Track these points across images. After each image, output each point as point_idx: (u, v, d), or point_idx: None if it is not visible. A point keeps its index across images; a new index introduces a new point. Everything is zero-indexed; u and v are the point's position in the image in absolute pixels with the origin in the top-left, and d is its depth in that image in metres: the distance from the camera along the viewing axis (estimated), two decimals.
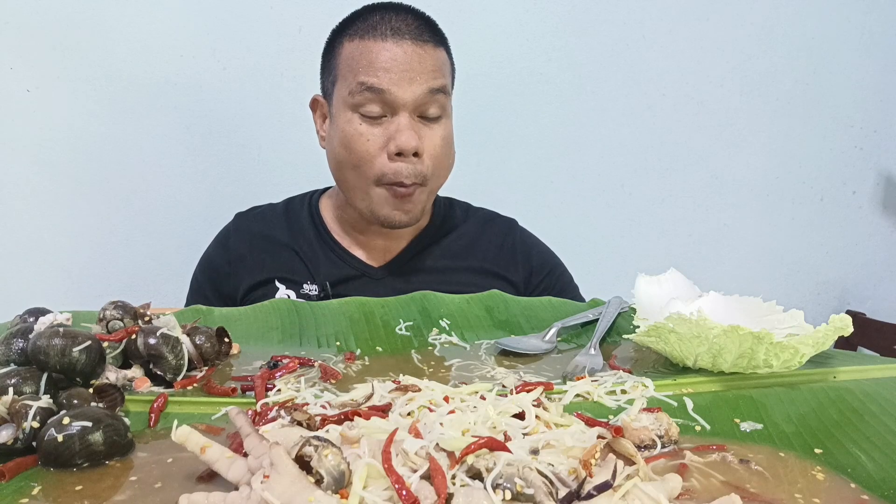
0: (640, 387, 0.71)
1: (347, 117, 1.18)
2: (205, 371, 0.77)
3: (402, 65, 1.15)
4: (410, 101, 1.15)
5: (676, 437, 0.60)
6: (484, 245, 1.35)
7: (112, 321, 0.78)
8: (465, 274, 1.31)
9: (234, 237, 1.34)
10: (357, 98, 1.16)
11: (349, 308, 0.96)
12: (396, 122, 1.16)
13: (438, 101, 1.18)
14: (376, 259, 1.31)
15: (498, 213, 1.44)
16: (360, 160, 1.18)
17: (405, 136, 1.15)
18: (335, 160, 1.23)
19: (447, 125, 1.23)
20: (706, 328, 0.72)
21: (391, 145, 1.16)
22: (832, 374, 0.75)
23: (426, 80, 1.16)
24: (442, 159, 1.22)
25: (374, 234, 1.30)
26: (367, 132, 1.17)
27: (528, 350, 0.86)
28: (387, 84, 1.14)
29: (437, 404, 0.60)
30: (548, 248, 1.43)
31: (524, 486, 0.46)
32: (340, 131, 1.20)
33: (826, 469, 0.57)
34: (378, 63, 1.15)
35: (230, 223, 1.39)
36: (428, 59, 1.17)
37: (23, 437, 0.56)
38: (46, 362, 0.64)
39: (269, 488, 0.45)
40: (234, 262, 1.31)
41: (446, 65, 1.23)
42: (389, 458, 0.48)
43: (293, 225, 1.34)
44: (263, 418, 0.60)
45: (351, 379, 0.76)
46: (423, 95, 1.16)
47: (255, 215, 1.38)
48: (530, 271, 1.35)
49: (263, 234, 1.33)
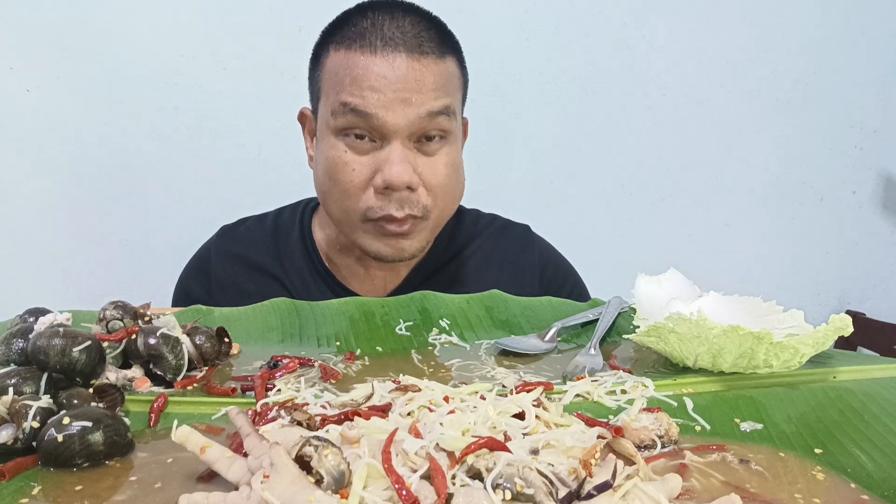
0: (640, 387, 0.71)
1: (331, 143, 1.02)
2: (205, 371, 0.77)
3: (393, 84, 0.97)
4: (404, 126, 0.98)
5: (676, 437, 0.60)
6: (496, 265, 1.22)
7: (112, 321, 0.78)
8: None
9: (215, 261, 1.21)
10: (340, 121, 1.00)
11: (349, 308, 0.96)
12: (387, 152, 0.99)
13: (440, 124, 1.01)
14: (374, 292, 1.18)
15: (511, 220, 1.30)
16: (344, 193, 1.02)
17: (395, 170, 0.98)
18: (319, 189, 1.09)
19: (452, 150, 1.05)
20: (706, 328, 0.72)
21: (378, 178, 0.99)
22: (832, 374, 0.75)
23: (423, 102, 0.98)
24: (446, 191, 1.05)
25: (372, 262, 1.15)
26: (352, 161, 1.01)
27: (528, 350, 0.85)
28: (374, 107, 0.97)
29: (437, 404, 0.60)
30: (564, 261, 1.31)
31: (524, 486, 0.46)
32: (324, 158, 1.04)
33: (826, 469, 0.57)
34: (364, 81, 0.97)
35: (212, 239, 1.26)
36: (428, 75, 0.99)
37: (23, 437, 0.56)
38: (46, 362, 0.64)
39: (269, 488, 0.45)
40: (215, 293, 1.18)
41: (454, 79, 1.04)
42: (389, 458, 0.48)
43: (282, 248, 1.20)
44: (263, 418, 0.60)
45: (351, 379, 0.76)
46: (419, 120, 0.98)
47: (240, 234, 1.23)
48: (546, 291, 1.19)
49: (247, 260, 1.19)
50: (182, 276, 1.27)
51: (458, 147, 1.09)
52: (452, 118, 1.04)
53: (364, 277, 1.19)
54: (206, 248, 1.26)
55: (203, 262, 1.24)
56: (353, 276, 1.19)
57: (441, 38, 1.03)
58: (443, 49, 1.03)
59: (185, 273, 1.26)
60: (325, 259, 1.20)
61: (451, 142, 1.05)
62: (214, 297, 1.17)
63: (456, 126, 1.06)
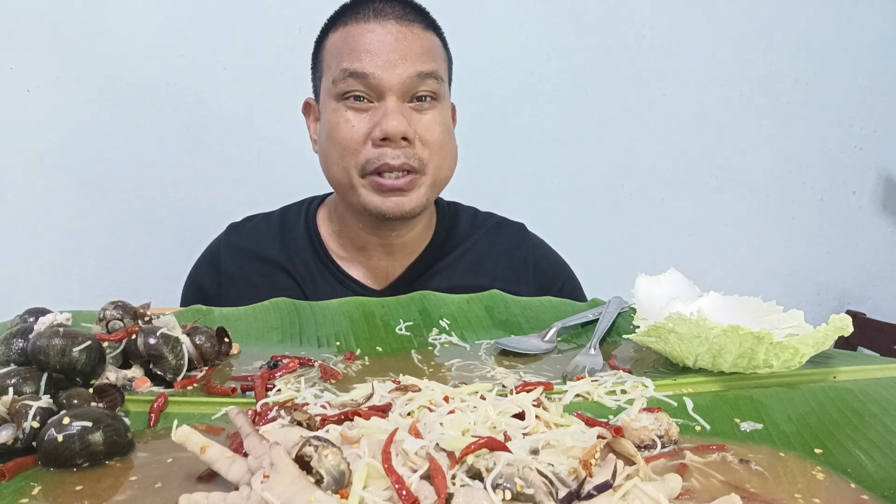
0: (640, 387, 0.71)
1: (332, 107, 1.12)
2: (205, 371, 0.77)
3: (386, 45, 1.08)
4: (397, 84, 1.08)
5: (676, 437, 0.60)
6: (493, 259, 1.28)
7: (112, 321, 0.78)
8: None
9: (225, 255, 1.26)
10: (341, 86, 1.10)
11: (349, 308, 0.96)
12: (383, 107, 1.09)
13: (429, 85, 1.11)
14: (377, 281, 1.23)
15: (507, 218, 1.36)
16: (344, 149, 1.10)
17: (391, 120, 1.07)
18: (323, 156, 1.16)
19: (443, 111, 1.15)
20: (706, 328, 0.72)
21: (376, 130, 1.08)
22: (832, 374, 0.75)
23: (413, 63, 1.09)
24: (441, 146, 1.13)
25: (376, 252, 1.22)
26: (352, 118, 1.10)
27: (528, 350, 0.86)
28: (371, 67, 1.08)
29: (437, 404, 0.60)
30: (558, 258, 1.36)
31: (524, 486, 0.46)
32: (326, 123, 1.13)
33: (826, 469, 0.57)
34: (361, 47, 1.09)
35: (221, 236, 1.31)
36: (415, 40, 1.10)
37: (23, 437, 0.56)
38: (46, 362, 0.64)
39: (269, 488, 0.45)
40: (225, 285, 1.23)
41: (437, 49, 1.15)
42: (389, 458, 0.48)
43: (288, 241, 1.26)
44: (263, 418, 0.60)
45: (351, 379, 0.76)
46: (410, 79, 1.09)
47: (248, 230, 1.30)
48: (540, 286, 1.28)
49: (255, 253, 1.25)
50: (193, 271, 1.32)
51: (448, 113, 1.18)
52: (441, 83, 1.14)
53: (367, 266, 1.24)
54: (215, 244, 1.31)
55: (213, 257, 1.28)
56: (355, 265, 1.24)
57: (425, 17, 1.16)
58: (426, 24, 1.14)
59: (196, 268, 1.31)
60: (330, 250, 1.25)
61: (442, 106, 1.15)
62: (225, 290, 1.23)
63: (444, 92, 1.16)
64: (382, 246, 1.22)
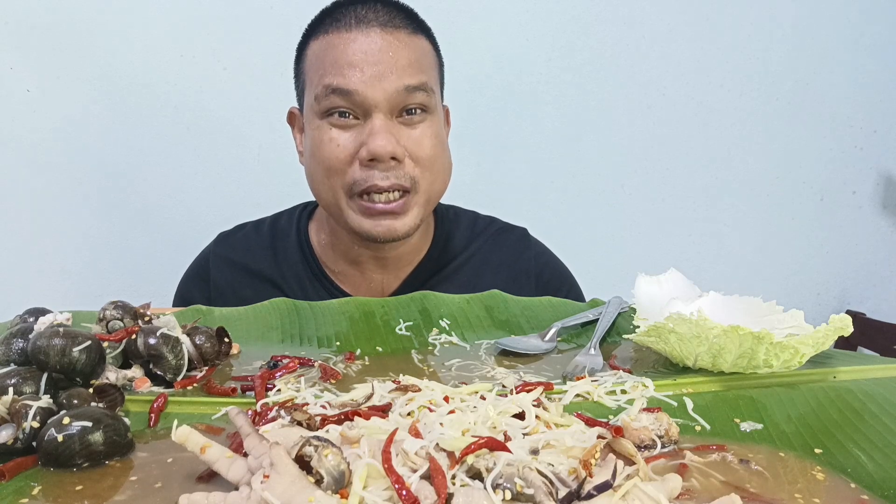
0: (640, 387, 0.71)
1: (316, 125, 1.05)
2: (205, 371, 0.77)
3: (371, 57, 1.00)
4: (384, 99, 1.01)
5: (676, 437, 0.60)
6: (493, 268, 1.22)
7: (112, 321, 0.78)
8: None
9: (214, 267, 1.22)
10: (324, 103, 1.03)
11: (349, 308, 0.96)
12: (370, 125, 1.02)
13: (419, 98, 1.04)
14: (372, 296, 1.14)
15: (508, 223, 1.31)
16: (329, 169, 1.04)
17: (379, 140, 1.00)
18: (308, 173, 1.10)
19: (434, 124, 1.07)
20: (706, 328, 0.72)
21: (363, 150, 1.01)
22: (832, 374, 0.75)
23: (401, 76, 1.02)
24: (433, 161, 1.07)
25: (369, 266, 1.17)
26: (337, 137, 1.03)
27: (528, 350, 0.85)
28: (355, 83, 1.00)
29: (437, 404, 0.60)
30: (560, 266, 1.31)
31: (524, 486, 0.46)
32: (311, 141, 1.07)
33: (826, 469, 0.57)
34: (343, 59, 1.01)
35: (210, 247, 1.26)
36: (402, 48, 1.02)
37: (23, 437, 0.56)
38: (46, 362, 0.64)
39: (269, 488, 0.45)
40: (214, 299, 1.18)
41: (428, 55, 1.08)
42: (389, 458, 0.48)
43: (279, 253, 1.21)
44: (263, 418, 0.60)
45: (351, 379, 0.76)
46: (398, 93, 1.02)
47: (238, 240, 1.24)
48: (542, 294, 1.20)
49: (245, 266, 1.20)
50: (181, 282, 1.27)
51: (440, 124, 1.10)
52: (431, 95, 1.06)
53: (360, 280, 1.19)
54: (204, 255, 1.26)
55: (202, 269, 1.24)
56: (349, 279, 1.19)
57: (412, 19, 1.08)
58: (413, 27, 1.06)
59: (185, 280, 1.27)
60: (322, 263, 1.20)
61: (433, 117, 1.08)
62: (214, 303, 1.17)
63: (435, 103, 1.09)
64: (376, 259, 1.17)
